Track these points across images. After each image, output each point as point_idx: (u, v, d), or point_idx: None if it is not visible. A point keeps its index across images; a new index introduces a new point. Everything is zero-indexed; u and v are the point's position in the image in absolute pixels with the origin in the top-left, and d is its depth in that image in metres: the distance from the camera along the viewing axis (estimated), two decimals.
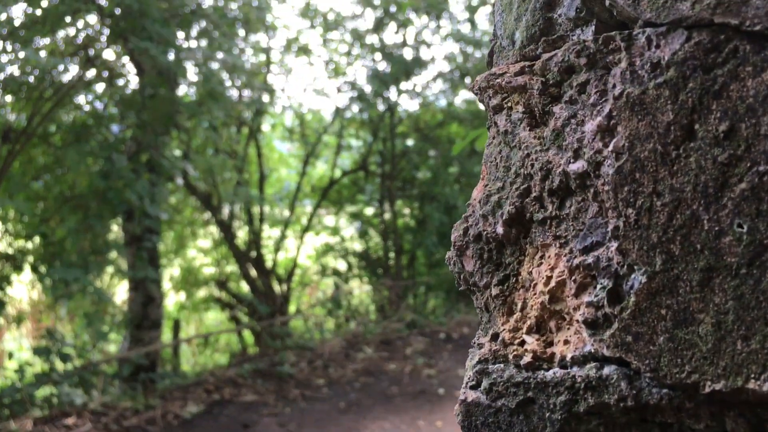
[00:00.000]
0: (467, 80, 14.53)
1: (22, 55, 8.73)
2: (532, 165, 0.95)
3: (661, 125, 0.81)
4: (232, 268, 13.46)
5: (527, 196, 0.95)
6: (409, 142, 15.14)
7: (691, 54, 0.80)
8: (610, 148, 0.86)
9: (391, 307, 13.46)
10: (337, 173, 14.67)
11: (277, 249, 13.47)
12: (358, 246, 15.35)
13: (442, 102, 15.12)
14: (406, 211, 15.33)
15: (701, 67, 0.79)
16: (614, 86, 0.86)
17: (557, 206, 0.92)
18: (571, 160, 0.90)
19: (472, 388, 0.97)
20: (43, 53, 9.37)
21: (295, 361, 10.12)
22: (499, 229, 0.98)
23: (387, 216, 14.73)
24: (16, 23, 8.84)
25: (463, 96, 15.21)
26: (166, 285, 13.34)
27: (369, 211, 15.39)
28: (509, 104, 1.00)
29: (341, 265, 15.19)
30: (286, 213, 13.73)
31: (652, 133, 0.82)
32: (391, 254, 14.79)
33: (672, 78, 0.81)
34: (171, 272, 13.91)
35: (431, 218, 13.96)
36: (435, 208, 13.97)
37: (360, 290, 14.80)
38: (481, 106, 1.04)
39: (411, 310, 13.37)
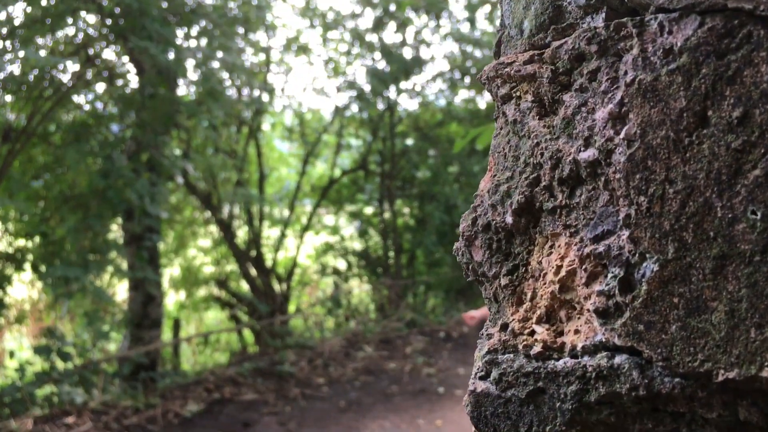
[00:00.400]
0: (467, 80, 14.53)
1: (21, 54, 8.72)
2: (542, 154, 0.94)
3: (674, 112, 0.81)
4: (232, 267, 13.45)
5: (537, 185, 0.95)
6: (409, 142, 15.14)
7: (705, 40, 0.79)
8: (622, 135, 0.85)
9: (391, 306, 13.45)
10: (337, 172, 14.66)
11: (276, 248, 13.46)
12: (357, 245, 15.34)
13: (442, 101, 15.12)
14: (406, 210, 15.32)
15: (714, 53, 0.78)
16: (626, 73, 0.86)
17: (567, 195, 0.91)
18: (582, 149, 0.89)
19: (482, 378, 0.96)
20: (42, 52, 9.35)
21: (295, 360, 10.12)
22: (509, 219, 0.97)
23: (387, 215, 14.73)
24: (16, 23, 8.83)
25: (463, 95, 15.22)
26: (166, 284, 13.33)
27: (368, 210, 15.39)
28: (518, 93, 1.00)
29: (341, 264, 15.18)
30: (286, 212, 13.71)
31: (665, 120, 0.81)
32: (391, 253, 14.79)
33: (685, 64, 0.80)
34: (171, 272, 13.90)
35: (431, 217, 13.96)
36: (435, 208, 13.97)
37: (360, 289, 14.80)
38: (488, 97, 1.03)
39: (411, 309, 13.37)
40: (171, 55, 9.40)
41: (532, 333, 0.93)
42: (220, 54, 10.53)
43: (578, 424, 0.87)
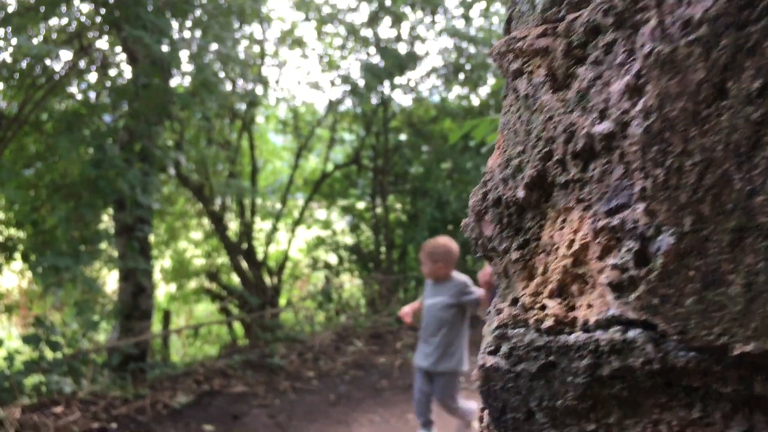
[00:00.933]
0: (461, 76, 14.52)
1: (14, 42, 8.67)
2: (555, 128, 0.93)
3: (692, 84, 0.80)
4: (223, 259, 13.42)
5: (549, 159, 0.94)
6: (402, 137, 15.12)
7: (724, 10, 0.78)
8: (638, 107, 0.84)
9: (382, 301, 13.45)
10: (330, 167, 14.64)
11: (268, 241, 13.43)
12: (349, 240, 15.32)
13: (436, 97, 15.11)
14: (398, 205, 15.31)
15: (734, 24, 0.77)
16: (643, 45, 0.84)
17: (581, 169, 0.90)
18: (597, 122, 0.88)
19: (491, 353, 0.95)
20: (35, 41, 9.30)
21: (286, 353, 10.10)
22: (520, 193, 0.96)
23: (379, 210, 14.72)
24: (9, 10, 8.78)
25: (457, 92, 15.21)
26: (157, 276, 13.29)
27: (360, 205, 15.37)
28: (530, 68, 0.99)
29: (332, 259, 15.16)
30: (278, 206, 13.69)
31: (683, 92, 0.80)
32: (383, 248, 14.78)
33: (704, 35, 0.79)
34: (162, 263, 13.85)
35: (423, 213, 13.95)
36: (427, 204, 13.96)
37: (351, 284, 14.79)
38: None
39: (401, 305, 13.35)
40: (165, 47, 9.35)
41: (544, 307, 0.92)
42: (214, 46, 10.49)
43: (590, 399, 0.86)
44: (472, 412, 6.59)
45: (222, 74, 11.35)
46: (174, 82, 10.86)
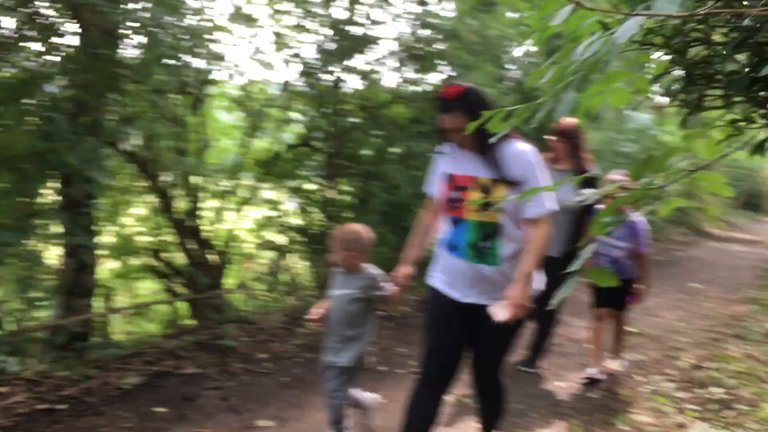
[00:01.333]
0: (414, 61, 14.47)
1: None
2: None
3: None
4: (169, 237, 13.12)
5: None
6: (355, 120, 15.00)
7: None
8: None
9: None
10: (280, 147, 14.45)
11: (215, 221, 13.21)
12: (298, 221, 15.16)
13: (389, 82, 15.02)
14: (349, 188, 15.20)
15: None
16: None
17: None
18: None
19: None
20: None
21: (237, 335, 9.97)
22: None
23: (329, 193, 14.61)
24: None
25: (408, 76, 15.14)
26: (101, 252, 12.94)
27: (310, 186, 15.22)
28: None
29: (280, 240, 14.98)
30: (227, 184, 13.46)
31: None
32: (332, 231, 14.67)
33: None
34: (105, 240, 13.48)
35: (374, 197, 13.88)
36: (378, 187, 13.90)
37: (299, 265, 14.67)
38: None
39: None
40: (118, 17, 9.07)
41: None
42: (169, 19, 10.19)
43: None
44: (367, 403, 6.47)
45: (174, 48, 11.03)
46: (124, 54, 10.52)
